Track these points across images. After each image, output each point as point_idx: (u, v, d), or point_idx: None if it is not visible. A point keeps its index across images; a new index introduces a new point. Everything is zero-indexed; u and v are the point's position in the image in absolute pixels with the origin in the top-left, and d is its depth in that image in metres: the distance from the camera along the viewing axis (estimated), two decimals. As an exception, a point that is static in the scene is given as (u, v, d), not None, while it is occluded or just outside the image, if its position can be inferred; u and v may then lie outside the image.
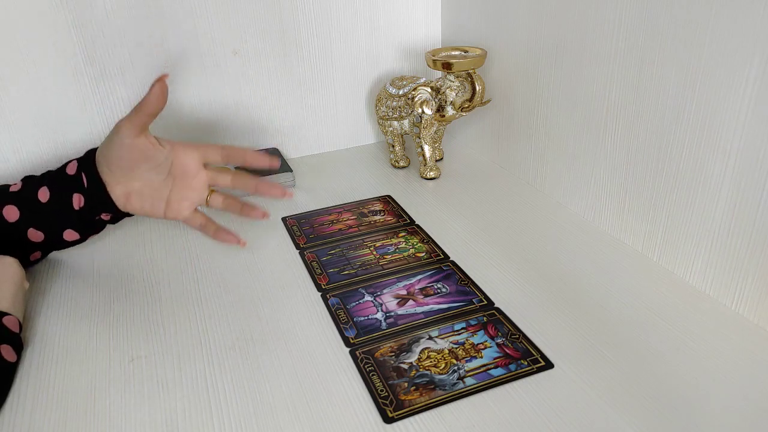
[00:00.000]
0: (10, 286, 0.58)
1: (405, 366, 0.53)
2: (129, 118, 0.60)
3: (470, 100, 0.81)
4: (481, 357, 0.53)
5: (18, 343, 0.55)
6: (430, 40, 0.99)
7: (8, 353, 0.53)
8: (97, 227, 0.68)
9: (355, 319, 0.59)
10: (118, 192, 0.63)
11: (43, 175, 0.66)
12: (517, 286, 0.63)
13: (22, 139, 0.81)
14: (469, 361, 0.53)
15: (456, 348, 0.54)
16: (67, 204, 0.63)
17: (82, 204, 0.63)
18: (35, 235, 0.64)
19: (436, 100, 0.82)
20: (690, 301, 0.59)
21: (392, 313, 0.59)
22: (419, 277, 0.65)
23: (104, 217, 0.65)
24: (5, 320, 0.55)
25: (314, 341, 0.56)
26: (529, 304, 0.60)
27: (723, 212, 0.56)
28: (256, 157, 0.66)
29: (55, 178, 0.64)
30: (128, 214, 0.66)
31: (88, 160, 0.63)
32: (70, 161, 0.65)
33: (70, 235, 0.66)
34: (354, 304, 0.61)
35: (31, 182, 0.65)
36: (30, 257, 0.67)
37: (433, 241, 0.72)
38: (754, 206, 0.53)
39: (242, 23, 0.86)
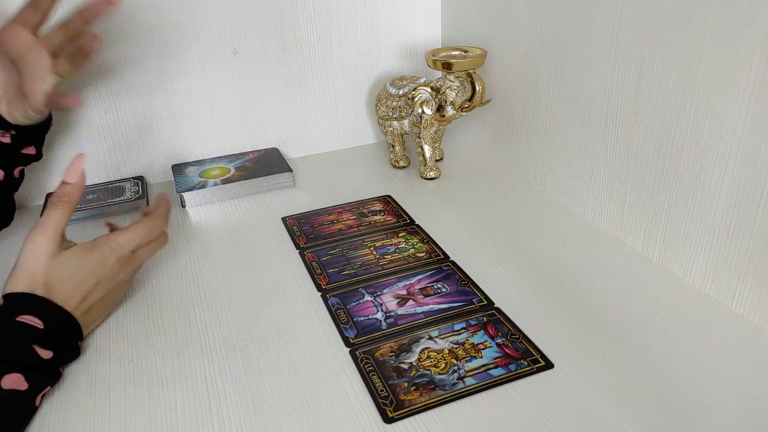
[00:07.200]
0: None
1: (405, 366, 0.53)
2: None
3: (470, 100, 0.81)
4: (481, 357, 0.53)
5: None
6: (430, 40, 0.99)
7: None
8: (12, 158, 0.67)
9: (355, 319, 0.59)
10: None
11: None
12: (517, 286, 0.63)
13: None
14: (469, 361, 0.53)
15: (456, 348, 0.54)
16: None
17: None
18: None
19: (436, 100, 0.82)
20: (690, 301, 0.59)
21: (392, 313, 0.59)
22: (419, 277, 0.65)
23: (2, 138, 0.64)
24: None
25: (314, 341, 0.56)
26: (529, 304, 0.60)
27: (723, 212, 0.56)
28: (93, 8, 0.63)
29: None
30: (19, 128, 0.66)
31: None
32: None
33: None
34: (354, 304, 0.61)
35: None
36: None
37: (433, 241, 0.72)
38: (754, 206, 0.53)
39: (242, 23, 0.87)
